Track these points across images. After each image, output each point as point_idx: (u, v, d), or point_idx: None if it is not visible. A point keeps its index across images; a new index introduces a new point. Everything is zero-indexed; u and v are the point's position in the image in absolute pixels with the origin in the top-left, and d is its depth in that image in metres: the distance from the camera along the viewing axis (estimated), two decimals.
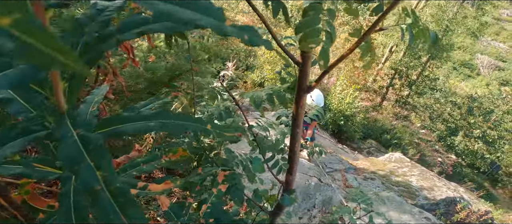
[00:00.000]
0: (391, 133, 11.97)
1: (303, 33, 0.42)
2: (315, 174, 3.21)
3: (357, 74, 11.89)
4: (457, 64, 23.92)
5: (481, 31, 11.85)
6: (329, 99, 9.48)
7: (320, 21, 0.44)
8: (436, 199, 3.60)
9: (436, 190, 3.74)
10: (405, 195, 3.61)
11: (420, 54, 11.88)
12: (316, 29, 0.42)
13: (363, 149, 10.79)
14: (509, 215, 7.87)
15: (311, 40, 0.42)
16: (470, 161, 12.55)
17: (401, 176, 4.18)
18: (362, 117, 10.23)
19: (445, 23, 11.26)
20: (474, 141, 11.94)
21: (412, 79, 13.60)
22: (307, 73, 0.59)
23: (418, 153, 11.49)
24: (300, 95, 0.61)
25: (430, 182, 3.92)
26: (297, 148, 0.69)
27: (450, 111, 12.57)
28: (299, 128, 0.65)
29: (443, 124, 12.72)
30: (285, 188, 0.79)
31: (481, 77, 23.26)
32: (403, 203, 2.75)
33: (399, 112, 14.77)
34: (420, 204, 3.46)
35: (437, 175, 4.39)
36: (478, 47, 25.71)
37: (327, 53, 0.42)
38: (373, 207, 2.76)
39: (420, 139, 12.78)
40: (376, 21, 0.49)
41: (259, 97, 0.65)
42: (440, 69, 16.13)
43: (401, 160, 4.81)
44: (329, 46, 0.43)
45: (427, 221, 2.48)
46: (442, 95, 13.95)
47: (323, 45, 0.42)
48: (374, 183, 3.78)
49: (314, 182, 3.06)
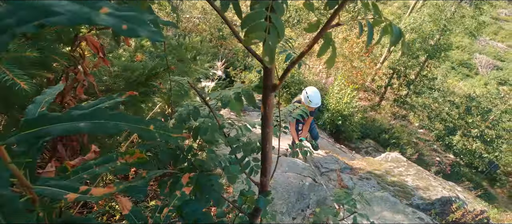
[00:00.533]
0: (389, 132, 11.96)
1: (247, 27, 0.40)
2: (309, 174, 3.20)
3: (355, 74, 11.88)
4: (456, 63, 23.95)
5: (478, 31, 11.86)
6: (327, 99, 9.47)
7: (264, 15, 0.42)
8: (431, 199, 3.59)
9: (432, 190, 3.73)
10: (400, 195, 3.60)
11: (418, 53, 11.88)
12: (259, 23, 0.40)
13: (361, 149, 10.78)
14: (506, 214, 7.87)
15: (254, 34, 0.40)
16: (468, 160, 12.56)
17: (397, 176, 4.16)
18: (360, 117, 10.22)
19: (443, 22, 11.25)
20: (472, 141, 11.95)
21: (410, 78, 13.60)
22: (272, 71, 0.57)
23: (416, 153, 11.49)
24: (266, 94, 0.59)
25: (426, 181, 3.91)
26: (269, 149, 0.67)
27: (448, 111, 12.57)
28: (268, 128, 0.63)
29: (441, 124, 12.72)
30: (260, 189, 0.77)
31: (480, 76, 23.30)
32: (397, 203, 2.74)
33: (397, 112, 14.78)
34: (415, 204, 3.45)
35: (433, 175, 4.37)
36: (477, 46, 25.75)
37: (271, 49, 0.40)
38: (367, 207, 2.75)
39: (418, 139, 12.79)
40: (332, 16, 0.47)
41: (226, 96, 0.63)
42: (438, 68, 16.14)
43: (398, 160, 4.80)
44: (275, 42, 0.41)
45: (420, 221, 2.47)
46: (440, 94, 13.95)
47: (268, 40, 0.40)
48: (369, 183, 3.77)
49: (308, 182, 3.04)
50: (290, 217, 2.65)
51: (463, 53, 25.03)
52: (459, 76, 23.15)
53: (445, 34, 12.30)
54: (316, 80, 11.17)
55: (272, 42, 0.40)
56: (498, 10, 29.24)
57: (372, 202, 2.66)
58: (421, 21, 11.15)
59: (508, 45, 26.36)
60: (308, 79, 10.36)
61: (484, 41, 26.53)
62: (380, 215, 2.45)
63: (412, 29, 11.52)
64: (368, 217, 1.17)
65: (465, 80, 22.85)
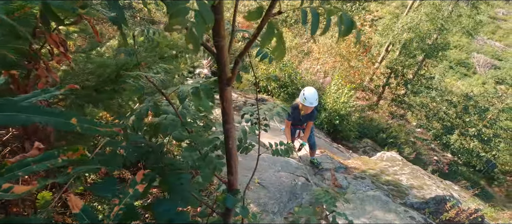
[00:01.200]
0: (387, 132, 11.96)
1: (171, 12, 0.38)
2: (302, 174, 3.18)
3: (353, 73, 11.88)
4: (454, 63, 23.99)
5: (475, 30, 11.87)
6: (324, 99, 9.45)
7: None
8: (425, 198, 3.58)
9: (426, 189, 3.72)
10: (394, 193, 3.59)
11: (415, 53, 11.89)
12: (182, 8, 0.38)
13: (359, 148, 10.78)
14: (503, 213, 7.87)
15: (177, 19, 0.38)
16: (466, 159, 12.57)
17: (392, 175, 4.15)
18: (358, 116, 10.21)
19: (440, 21, 11.26)
20: (469, 140, 11.95)
21: (408, 78, 13.60)
22: (225, 64, 0.55)
23: (414, 152, 11.49)
24: (221, 88, 0.57)
25: (420, 180, 3.90)
26: (232, 146, 0.65)
27: (446, 110, 12.58)
28: (229, 124, 0.61)
29: (439, 123, 12.73)
30: (228, 188, 0.75)
31: (478, 75, 23.34)
32: (389, 202, 2.72)
33: (395, 111, 14.79)
34: (409, 203, 3.44)
35: (428, 174, 4.37)
36: (474, 46, 25.80)
37: (195, 36, 0.38)
38: (359, 207, 2.73)
39: (416, 138, 12.79)
40: (271, 4, 0.45)
41: (184, 91, 0.61)
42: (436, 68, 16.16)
43: (393, 159, 4.79)
44: (202, 29, 0.38)
45: (411, 220, 2.45)
46: (438, 94, 13.96)
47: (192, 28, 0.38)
48: (364, 182, 3.76)
49: (301, 182, 3.02)
50: (282, 217, 2.63)
51: (461, 53, 25.08)
52: (457, 75, 23.19)
53: (443, 34, 12.31)
54: (314, 80, 11.16)
55: (197, 30, 0.38)
56: (496, 9, 29.31)
57: (364, 201, 2.64)
58: (418, 21, 11.16)
59: (506, 44, 26.43)
60: (305, 79, 10.34)
61: (482, 40, 26.59)
62: (371, 214, 2.44)
63: (409, 28, 11.53)
64: (346, 216, 1.15)
65: (463, 79, 22.89)
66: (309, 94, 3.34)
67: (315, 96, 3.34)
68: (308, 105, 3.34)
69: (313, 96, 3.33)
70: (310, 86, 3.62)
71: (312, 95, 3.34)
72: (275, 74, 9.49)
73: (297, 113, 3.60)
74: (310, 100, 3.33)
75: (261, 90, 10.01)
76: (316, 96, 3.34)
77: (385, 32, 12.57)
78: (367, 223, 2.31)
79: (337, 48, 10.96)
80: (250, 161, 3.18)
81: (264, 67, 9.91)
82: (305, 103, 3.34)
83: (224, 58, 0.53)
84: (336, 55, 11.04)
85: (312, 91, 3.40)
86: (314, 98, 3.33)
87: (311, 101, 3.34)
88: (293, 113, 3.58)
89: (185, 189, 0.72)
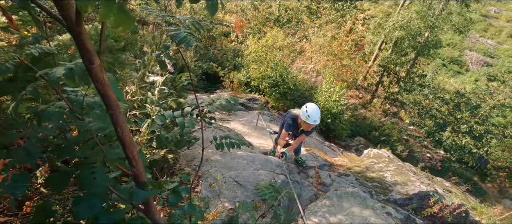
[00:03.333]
0: (380, 130, 11.98)
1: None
2: (283, 172, 3.14)
3: (345, 72, 11.88)
4: (447, 60, 24.18)
5: (466, 27, 11.96)
6: (316, 97, 9.45)
7: None
8: (409, 194, 3.57)
9: (410, 185, 3.71)
10: (378, 190, 3.57)
11: (407, 51, 11.93)
12: None
13: (351, 146, 10.79)
14: (493, 208, 7.89)
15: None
16: (458, 156, 12.63)
17: (377, 171, 4.14)
18: (350, 114, 10.21)
19: (430, 19, 11.32)
20: (461, 136, 12.02)
21: (400, 76, 13.65)
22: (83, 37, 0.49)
23: (407, 150, 11.52)
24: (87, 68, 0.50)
25: (405, 177, 3.88)
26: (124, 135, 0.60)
27: (438, 107, 12.65)
28: (112, 109, 0.56)
29: (431, 120, 12.79)
30: (134, 181, 0.71)
31: (470, 73, 23.55)
32: (367, 198, 2.70)
33: (388, 109, 14.84)
34: (392, 199, 3.42)
35: (413, 170, 4.36)
36: (467, 43, 26.04)
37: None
38: (336, 204, 2.70)
39: (409, 135, 12.84)
40: None
41: (55, 74, 0.56)
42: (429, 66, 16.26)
43: (379, 156, 4.78)
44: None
45: (388, 215, 2.43)
46: (430, 91, 14.03)
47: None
48: (348, 180, 3.74)
49: (281, 179, 2.99)
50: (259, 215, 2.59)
51: (453, 50, 25.30)
52: (450, 73, 23.37)
53: (434, 32, 12.38)
54: (306, 79, 11.15)
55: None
56: (487, 7, 29.65)
57: (342, 198, 2.61)
58: (409, 19, 11.21)
59: (498, 42, 26.72)
60: (297, 78, 10.31)
61: (474, 38, 26.85)
62: (348, 211, 2.41)
63: (400, 27, 11.57)
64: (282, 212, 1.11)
65: (456, 76, 23.08)
66: (313, 111, 3.09)
67: (318, 113, 3.11)
68: (311, 122, 3.10)
69: (317, 114, 3.09)
70: (312, 103, 3.35)
71: (315, 113, 3.09)
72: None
73: (294, 126, 3.36)
74: (314, 118, 3.08)
75: (253, 90, 9.97)
76: (319, 113, 3.11)
77: (376, 30, 12.61)
78: (344, 220, 2.28)
79: (329, 47, 10.97)
80: (229, 160, 3.14)
81: (255, 66, 9.87)
82: (308, 120, 3.09)
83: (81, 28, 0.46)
84: (328, 54, 11.05)
85: (315, 108, 3.14)
86: (318, 116, 3.09)
87: (315, 119, 3.09)
88: (291, 125, 3.34)
89: (99, 184, 0.67)
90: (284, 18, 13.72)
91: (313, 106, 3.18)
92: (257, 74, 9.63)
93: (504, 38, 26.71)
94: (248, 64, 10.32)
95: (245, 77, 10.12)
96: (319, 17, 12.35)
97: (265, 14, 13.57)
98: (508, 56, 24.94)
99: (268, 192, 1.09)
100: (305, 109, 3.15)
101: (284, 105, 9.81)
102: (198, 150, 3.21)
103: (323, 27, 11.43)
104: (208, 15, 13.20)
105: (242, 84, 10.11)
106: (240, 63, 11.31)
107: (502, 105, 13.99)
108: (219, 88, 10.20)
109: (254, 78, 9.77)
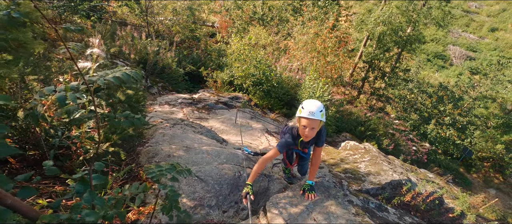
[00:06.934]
0: (366, 125, 12.05)
1: None
2: (250, 165, 3.05)
3: (330, 69, 11.92)
4: (431, 55, 24.67)
5: (444, 21, 12.19)
6: (300, 94, 9.43)
7: None
8: (381, 183, 3.52)
9: (383, 174, 3.68)
10: (351, 181, 3.52)
11: (389, 46, 12.07)
12: None
13: (337, 142, 10.79)
14: (476, 197, 8.02)
15: None
16: (443, 148, 12.83)
17: (351, 163, 4.09)
18: (334, 110, 10.21)
19: (410, 14, 11.49)
20: (445, 129, 12.21)
21: (384, 71, 13.80)
22: None
23: (393, 143, 11.61)
24: None
25: (378, 167, 3.85)
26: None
27: (422, 100, 12.83)
28: None
29: (416, 114, 12.96)
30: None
31: (454, 67, 24.08)
32: (330, 188, 2.63)
33: (374, 105, 14.97)
34: (365, 189, 3.37)
35: (388, 160, 4.34)
36: (450, 38, 26.65)
37: None
38: (298, 195, 2.62)
39: (395, 130, 12.95)
40: None
41: None
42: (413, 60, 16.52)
43: (356, 148, 4.75)
44: None
45: (349, 204, 2.36)
46: (415, 85, 14.24)
47: None
48: (321, 172, 3.67)
49: (247, 173, 2.89)
50: (220, 210, 2.48)
51: (437, 45, 25.84)
52: (435, 68, 23.83)
53: (416, 27, 12.58)
54: (291, 77, 11.12)
55: None
56: (469, 2, 30.46)
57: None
58: (390, 14, 11.35)
59: (479, 36, 27.44)
60: (281, 76, 10.26)
61: (457, 33, 27.51)
62: (310, 201, 2.33)
63: (382, 22, 11.70)
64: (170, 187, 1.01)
65: (440, 71, 23.55)
66: (308, 102, 2.16)
67: (316, 104, 2.12)
68: (306, 115, 2.06)
69: (313, 104, 2.12)
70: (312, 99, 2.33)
71: (311, 103, 2.14)
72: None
73: (294, 142, 2.32)
74: (308, 108, 2.08)
75: (237, 89, 9.87)
76: (318, 105, 2.11)
77: (359, 26, 12.73)
78: (304, 210, 2.20)
79: (312, 44, 10.98)
80: (194, 155, 3.03)
81: (238, 65, 9.78)
82: (302, 113, 2.09)
83: None
84: (312, 51, 11.06)
85: (312, 100, 2.19)
86: (315, 106, 2.09)
87: (311, 110, 2.07)
88: (288, 144, 2.30)
89: None
90: (268, 16, 13.69)
91: (310, 100, 2.22)
92: (240, 72, 9.55)
93: (485, 33, 27.47)
94: (231, 63, 10.23)
95: (228, 76, 10.02)
96: (302, 15, 12.36)
97: (249, 13, 13.52)
98: (490, 49, 25.64)
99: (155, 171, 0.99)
100: (301, 106, 2.17)
101: (268, 103, 9.75)
102: (161, 146, 3.08)
103: (306, 24, 11.44)
104: (190, 16, 13.06)
105: (226, 83, 10.00)
106: (224, 63, 11.20)
107: (484, 96, 14.33)
108: (203, 88, 10.06)
109: (237, 77, 9.68)
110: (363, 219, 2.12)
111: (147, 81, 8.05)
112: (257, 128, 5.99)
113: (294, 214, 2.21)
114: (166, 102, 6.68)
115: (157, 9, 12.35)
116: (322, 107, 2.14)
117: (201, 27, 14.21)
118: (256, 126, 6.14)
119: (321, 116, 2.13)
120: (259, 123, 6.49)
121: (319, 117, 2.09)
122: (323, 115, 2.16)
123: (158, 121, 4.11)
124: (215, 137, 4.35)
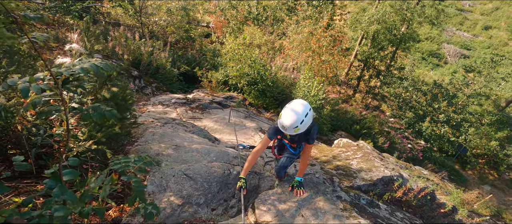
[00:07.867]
0: (361, 123, 12.09)
1: None
2: (240, 163, 3.03)
3: (325, 68, 11.94)
4: (426, 54, 24.84)
5: (438, 19, 12.28)
6: (294, 93, 9.43)
7: None
8: (373, 179, 3.53)
9: (374, 171, 3.68)
10: (342, 178, 3.52)
11: (383, 44, 12.12)
12: None
13: (333, 140, 10.79)
14: (470, 194, 8.06)
15: None
16: (438, 145, 12.90)
17: (343, 160, 4.10)
18: (329, 109, 10.24)
19: (404, 12, 11.56)
20: (440, 126, 12.28)
21: (379, 69, 13.86)
22: None
23: (388, 141, 11.66)
24: None
25: (370, 163, 3.85)
26: None
27: (416, 98, 12.90)
28: None
29: (411, 111, 13.02)
30: None
31: (449, 65, 24.27)
32: (319, 184, 2.62)
33: (369, 103, 15.03)
34: (356, 185, 3.37)
35: (380, 156, 4.34)
36: (445, 37, 26.87)
37: None
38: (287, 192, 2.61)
39: (390, 128, 13.01)
40: None
41: None
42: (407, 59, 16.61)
43: (348, 145, 4.75)
44: None
45: (337, 199, 2.35)
46: (410, 84, 14.32)
47: None
48: (313, 169, 3.67)
49: (237, 171, 2.87)
50: (208, 208, 2.46)
51: (432, 44, 26.03)
52: (429, 66, 24.00)
53: (410, 25, 12.65)
54: (286, 76, 11.12)
55: None
56: (462, 1, 30.74)
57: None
58: (384, 12, 11.40)
59: (473, 34, 27.70)
60: (276, 76, 10.26)
61: (451, 31, 27.74)
62: (299, 197, 2.32)
63: (376, 20, 11.75)
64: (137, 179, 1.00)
65: (435, 69, 23.73)
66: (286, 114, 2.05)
67: (293, 119, 2.01)
68: (282, 130, 2.09)
69: (290, 117, 2.01)
70: (297, 100, 2.22)
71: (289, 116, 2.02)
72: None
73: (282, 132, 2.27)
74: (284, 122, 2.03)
75: (231, 88, 9.84)
76: (296, 120, 2.00)
77: (353, 25, 12.77)
78: (293, 206, 2.18)
79: (307, 43, 11.00)
80: (183, 154, 3.01)
81: (233, 65, 9.76)
82: (278, 123, 2.13)
83: None
84: (306, 50, 11.08)
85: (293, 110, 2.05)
86: (291, 122, 2.01)
87: (285, 124, 2.02)
88: (277, 131, 2.31)
89: None
90: (263, 16, 13.69)
91: (292, 105, 2.11)
92: (235, 72, 9.53)
93: (479, 31, 27.74)
94: (226, 63, 10.21)
95: (223, 76, 9.99)
96: (297, 14, 12.38)
97: (244, 13, 13.51)
98: (483, 47, 25.89)
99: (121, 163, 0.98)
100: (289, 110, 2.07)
101: (263, 102, 9.74)
102: (150, 145, 3.05)
103: (300, 23, 11.46)
104: (185, 16, 13.01)
105: (220, 83, 9.97)
106: (219, 63, 11.17)
107: (478, 93, 14.45)
108: (197, 88, 10.02)
109: (232, 77, 9.66)
110: (351, 214, 2.12)
111: (141, 82, 8.00)
112: (251, 127, 5.97)
113: (282, 211, 2.20)
114: (159, 102, 6.64)
115: (151, 10, 12.29)
116: (302, 115, 2.03)
117: (196, 28, 14.18)
118: (250, 125, 6.12)
119: (302, 125, 2.04)
120: (253, 122, 6.47)
121: (291, 132, 2.05)
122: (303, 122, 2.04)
123: (149, 121, 4.08)
124: (207, 136, 4.33)
